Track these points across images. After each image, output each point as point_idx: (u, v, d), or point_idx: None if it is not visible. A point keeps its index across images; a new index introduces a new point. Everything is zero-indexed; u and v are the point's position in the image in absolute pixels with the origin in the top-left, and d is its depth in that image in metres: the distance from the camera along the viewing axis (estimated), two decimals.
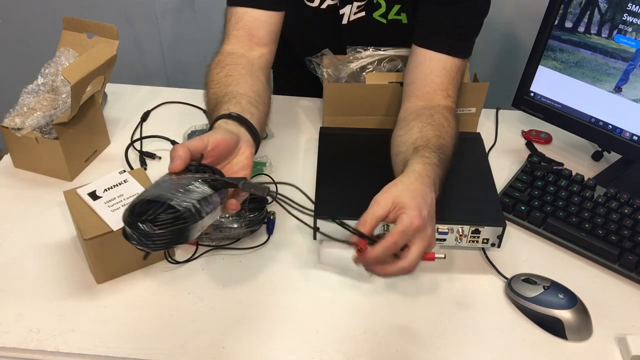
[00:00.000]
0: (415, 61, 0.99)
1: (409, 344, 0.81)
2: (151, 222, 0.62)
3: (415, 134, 0.90)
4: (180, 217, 0.63)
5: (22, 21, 1.94)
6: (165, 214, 0.62)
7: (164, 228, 0.62)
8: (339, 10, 1.09)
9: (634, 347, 0.79)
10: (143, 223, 0.62)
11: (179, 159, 0.68)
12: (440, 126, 0.91)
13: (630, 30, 0.94)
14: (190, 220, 0.63)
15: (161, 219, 0.62)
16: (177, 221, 0.62)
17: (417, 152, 0.85)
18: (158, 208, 0.62)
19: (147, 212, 0.62)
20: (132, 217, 0.62)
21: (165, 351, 0.78)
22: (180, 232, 0.63)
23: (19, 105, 1.02)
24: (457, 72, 0.98)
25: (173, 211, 0.62)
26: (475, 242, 0.89)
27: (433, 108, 0.95)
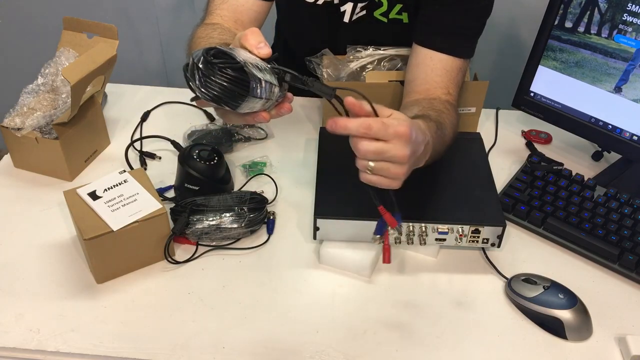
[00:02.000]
0: (416, 60, 0.99)
1: (409, 344, 0.81)
2: (219, 69, 0.65)
3: (414, 112, 0.90)
4: (243, 82, 0.65)
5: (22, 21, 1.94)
6: (234, 70, 0.65)
7: (225, 81, 0.65)
8: (338, 7, 1.09)
9: (634, 347, 0.79)
10: (212, 65, 0.64)
11: (266, 45, 0.69)
12: (439, 111, 0.91)
13: (630, 30, 0.94)
14: (249, 92, 0.66)
15: (227, 72, 0.65)
16: (239, 83, 0.65)
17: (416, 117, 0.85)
18: (231, 63, 0.65)
19: (220, 59, 0.65)
20: (205, 54, 0.65)
21: (165, 351, 0.78)
22: (234, 94, 0.66)
23: (19, 105, 1.02)
24: (459, 72, 0.98)
25: (241, 73, 0.65)
26: (475, 242, 0.89)
27: (434, 99, 0.95)
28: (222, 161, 0.98)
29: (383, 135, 0.70)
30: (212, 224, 0.90)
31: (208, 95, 0.66)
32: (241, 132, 1.13)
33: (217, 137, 1.09)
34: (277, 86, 0.70)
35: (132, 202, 0.85)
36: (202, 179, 0.95)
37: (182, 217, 0.90)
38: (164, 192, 1.00)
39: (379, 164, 0.72)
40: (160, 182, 1.02)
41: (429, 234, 0.88)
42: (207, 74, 0.65)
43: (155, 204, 0.86)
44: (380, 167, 0.73)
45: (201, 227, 0.90)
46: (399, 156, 0.72)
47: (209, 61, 0.65)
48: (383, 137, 0.71)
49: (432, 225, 0.87)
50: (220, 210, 0.91)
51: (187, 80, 0.67)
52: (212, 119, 1.18)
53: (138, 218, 0.83)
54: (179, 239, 0.91)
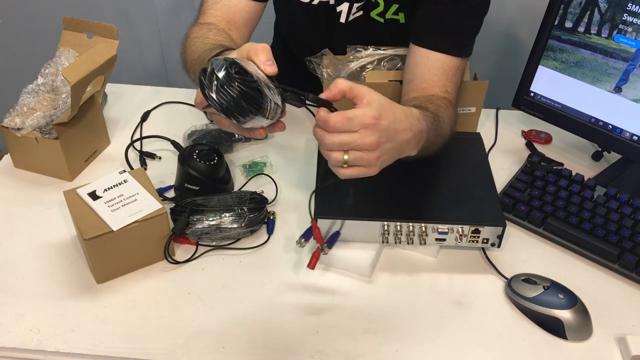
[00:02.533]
0: (414, 60, 0.99)
1: (409, 344, 0.81)
2: (238, 85, 0.66)
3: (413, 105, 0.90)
4: (257, 101, 0.68)
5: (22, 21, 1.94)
6: (251, 89, 0.67)
7: (240, 97, 0.67)
8: (335, 7, 1.09)
9: (634, 347, 0.79)
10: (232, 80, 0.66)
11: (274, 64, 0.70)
12: (437, 106, 0.91)
13: (630, 30, 0.94)
14: (260, 111, 0.68)
15: (244, 90, 0.67)
16: (252, 101, 0.67)
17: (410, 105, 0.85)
18: (249, 81, 0.67)
19: (241, 75, 0.67)
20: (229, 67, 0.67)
21: (165, 351, 0.78)
22: (245, 111, 0.68)
23: (19, 105, 1.02)
24: (456, 71, 0.98)
25: (257, 92, 0.67)
26: (475, 242, 0.89)
27: (432, 95, 0.95)
28: (222, 161, 0.98)
29: (348, 127, 0.71)
30: (212, 224, 0.90)
31: (219, 106, 0.68)
32: None
33: (217, 137, 1.09)
34: (280, 108, 0.71)
35: (132, 202, 0.85)
36: (202, 179, 0.95)
37: (182, 217, 0.90)
38: (164, 192, 1.00)
39: (352, 154, 0.73)
40: (160, 182, 1.02)
41: (429, 234, 0.88)
42: (225, 86, 0.67)
43: (155, 204, 0.86)
44: (353, 157, 0.73)
45: (201, 227, 0.90)
46: (366, 144, 0.72)
47: (231, 75, 0.67)
48: (349, 129, 0.71)
49: (432, 225, 0.87)
50: (220, 210, 0.91)
51: (202, 86, 0.68)
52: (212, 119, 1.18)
53: (138, 218, 0.83)
54: (179, 239, 0.91)
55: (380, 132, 0.72)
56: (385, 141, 0.74)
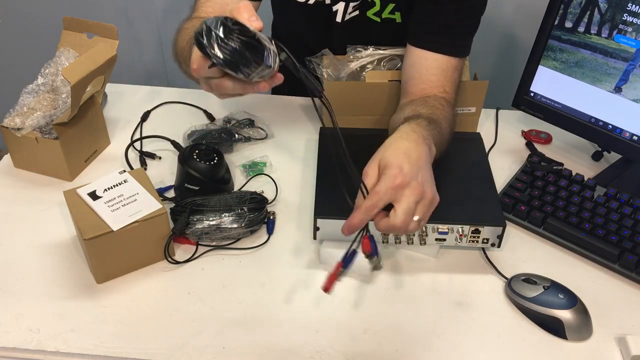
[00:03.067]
0: (411, 60, 0.99)
1: (409, 344, 0.81)
2: (238, 34, 0.65)
3: (407, 112, 0.91)
4: (258, 49, 0.66)
5: (22, 21, 1.94)
6: (250, 38, 0.66)
7: (243, 47, 0.66)
8: (331, 7, 1.09)
9: (634, 347, 0.79)
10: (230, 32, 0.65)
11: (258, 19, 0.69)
12: (433, 107, 0.91)
13: (630, 30, 0.94)
14: (263, 60, 0.67)
15: (244, 40, 0.65)
16: (255, 50, 0.66)
17: (405, 120, 0.86)
18: (248, 31, 0.66)
19: (238, 26, 0.66)
20: (223, 21, 0.65)
21: (165, 351, 0.78)
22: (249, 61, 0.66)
23: (19, 105, 1.02)
24: (454, 71, 0.98)
25: (256, 40, 0.66)
26: (475, 242, 0.89)
27: (428, 96, 0.95)
28: (222, 161, 0.98)
29: (390, 199, 0.73)
30: (212, 224, 0.90)
31: (224, 61, 0.66)
32: (241, 132, 1.13)
33: (217, 137, 1.09)
34: (278, 55, 0.70)
35: (132, 202, 0.85)
36: (202, 179, 0.95)
37: (182, 217, 0.90)
38: (164, 192, 1.00)
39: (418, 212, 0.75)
40: (160, 182, 1.02)
41: (429, 234, 0.88)
42: (226, 40, 0.65)
43: (155, 204, 0.86)
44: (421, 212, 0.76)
45: (201, 227, 0.90)
46: (419, 196, 0.74)
47: (229, 27, 0.65)
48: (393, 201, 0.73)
49: (432, 225, 0.87)
50: (220, 210, 0.91)
51: (202, 47, 0.66)
52: (212, 119, 1.18)
53: (138, 218, 0.83)
54: (179, 239, 0.91)
55: (414, 173, 0.74)
56: (419, 171, 0.75)
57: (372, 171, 0.76)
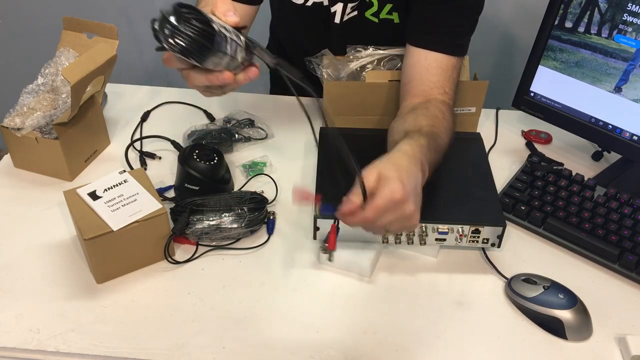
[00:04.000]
0: (411, 61, 0.99)
1: (409, 344, 0.81)
2: (185, 20, 0.65)
3: (408, 122, 0.91)
4: (209, 35, 0.67)
5: (22, 21, 1.94)
6: (201, 23, 0.66)
7: (192, 32, 0.66)
8: (328, 8, 1.09)
9: (634, 347, 0.79)
10: (180, 17, 0.65)
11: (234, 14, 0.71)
12: (434, 117, 0.91)
13: (630, 30, 0.94)
14: (214, 45, 0.67)
15: (195, 24, 0.65)
16: (205, 35, 0.66)
17: (406, 135, 0.86)
18: (200, 16, 0.66)
19: (190, 11, 0.66)
20: (175, 8, 0.66)
21: (165, 351, 0.78)
22: (201, 46, 0.67)
23: (19, 105, 1.02)
24: (454, 70, 0.98)
25: (208, 26, 0.66)
26: (475, 242, 0.89)
27: (429, 101, 0.95)
28: (222, 161, 0.98)
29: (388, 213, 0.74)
30: (212, 224, 0.90)
31: (176, 47, 0.67)
32: (241, 132, 1.13)
33: (217, 137, 1.09)
34: (242, 47, 0.71)
35: (132, 202, 0.85)
36: (202, 179, 0.95)
37: (182, 217, 0.90)
38: (164, 192, 1.00)
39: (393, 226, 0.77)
40: (160, 182, 1.02)
41: (429, 234, 0.88)
42: (176, 26, 0.66)
43: (155, 204, 0.86)
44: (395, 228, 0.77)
45: (201, 227, 0.90)
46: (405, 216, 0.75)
47: (179, 12, 0.66)
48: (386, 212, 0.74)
49: (432, 225, 0.87)
50: (220, 210, 0.91)
51: (156, 33, 0.66)
52: (212, 119, 1.18)
53: (138, 218, 0.83)
54: (179, 239, 0.91)
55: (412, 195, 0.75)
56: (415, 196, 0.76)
57: (372, 177, 0.75)
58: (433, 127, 0.89)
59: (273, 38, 1.36)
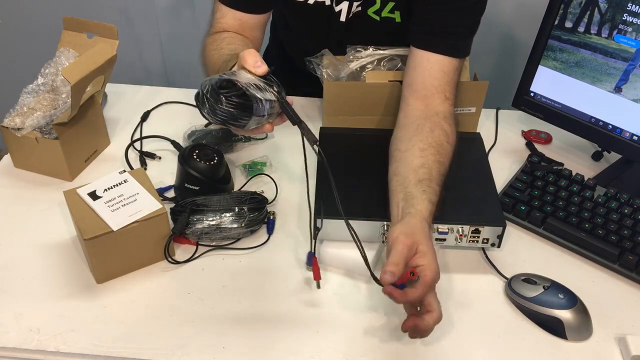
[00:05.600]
0: (413, 63, 0.99)
1: (409, 344, 0.81)
2: (225, 98, 0.74)
3: (417, 157, 0.89)
4: (246, 106, 0.75)
5: (22, 21, 1.94)
6: (237, 97, 0.74)
7: (230, 107, 0.74)
8: (332, 7, 1.09)
9: (634, 347, 0.79)
10: (218, 95, 0.74)
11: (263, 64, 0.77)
12: (439, 147, 0.91)
13: (630, 30, 0.94)
14: (252, 113, 0.75)
15: (232, 100, 0.74)
16: (242, 107, 0.75)
17: (420, 186, 0.85)
18: (235, 91, 0.74)
19: (225, 89, 0.75)
20: (213, 87, 0.75)
21: (165, 351, 0.78)
22: (239, 118, 0.75)
23: (19, 105, 1.02)
24: (455, 73, 0.99)
25: (244, 98, 0.74)
26: (475, 242, 0.89)
27: (431, 119, 0.95)
28: (222, 161, 0.98)
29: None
30: (212, 224, 0.90)
31: (217, 121, 0.76)
32: None
33: (217, 137, 1.09)
34: (276, 102, 0.77)
35: (132, 202, 0.85)
36: (202, 179, 0.95)
37: (182, 217, 0.90)
38: (164, 192, 1.00)
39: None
40: (160, 182, 1.02)
41: None
42: (214, 103, 0.75)
43: (155, 204, 0.86)
44: None
45: (201, 227, 0.90)
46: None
47: (216, 91, 0.74)
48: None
49: (432, 225, 0.87)
50: (220, 210, 0.91)
51: (199, 109, 0.76)
52: None
53: (138, 218, 0.83)
54: (179, 239, 0.91)
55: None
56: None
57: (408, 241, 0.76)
58: (440, 164, 0.89)
59: (274, 38, 1.36)
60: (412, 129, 0.95)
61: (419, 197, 0.83)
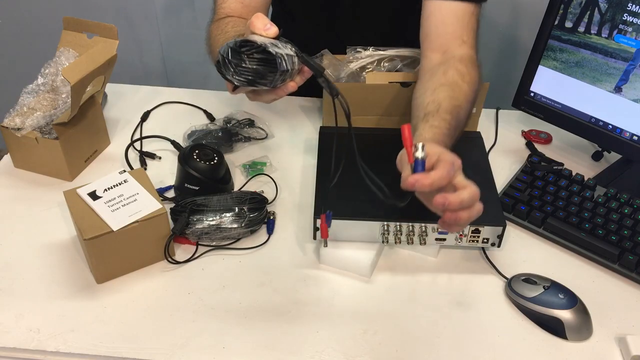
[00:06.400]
0: (426, 14, 0.99)
1: (409, 344, 0.81)
2: (247, 56, 0.72)
3: (427, 97, 0.90)
4: (270, 61, 0.73)
5: (22, 21, 1.94)
6: (259, 53, 0.72)
7: (255, 64, 0.73)
8: None
9: (634, 347, 0.79)
10: (240, 54, 0.72)
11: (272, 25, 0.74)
12: (453, 84, 0.90)
13: (630, 30, 0.94)
14: (277, 68, 0.73)
15: (255, 57, 0.72)
16: (267, 62, 0.73)
17: (426, 119, 0.85)
18: (255, 47, 0.72)
19: (245, 47, 0.73)
20: (233, 49, 0.72)
21: (165, 351, 0.78)
22: (265, 74, 0.73)
23: (19, 105, 1.02)
24: (471, 17, 0.98)
25: (266, 53, 0.72)
26: (475, 241, 0.89)
27: (447, 62, 0.95)
28: (222, 161, 0.98)
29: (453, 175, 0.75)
30: (212, 224, 0.90)
31: (245, 81, 0.73)
32: (241, 132, 1.13)
33: (217, 137, 1.09)
34: (295, 56, 0.76)
35: (132, 202, 0.85)
36: (202, 179, 0.95)
37: (182, 217, 0.90)
38: (164, 192, 1.00)
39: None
40: (160, 182, 1.02)
41: (429, 234, 0.88)
42: (238, 64, 0.73)
43: (155, 204, 0.86)
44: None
45: (201, 227, 0.90)
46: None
47: (237, 51, 0.73)
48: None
49: (432, 225, 0.87)
50: (220, 210, 0.91)
51: (223, 75, 0.74)
52: (212, 119, 1.18)
53: (138, 218, 0.83)
54: (179, 239, 0.91)
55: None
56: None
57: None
58: (453, 99, 0.88)
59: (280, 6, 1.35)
60: (426, 78, 0.95)
61: (422, 128, 0.83)
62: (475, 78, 0.94)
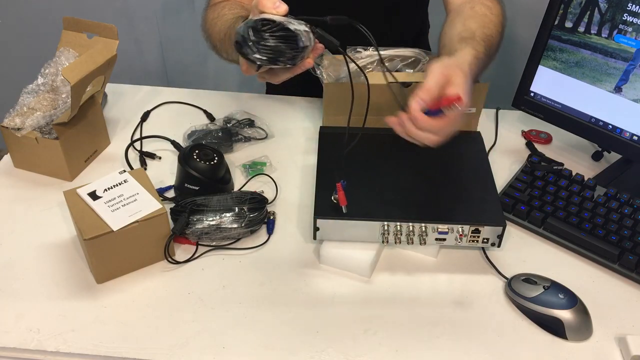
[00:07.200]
0: None
1: (409, 344, 0.81)
2: (270, 34, 0.73)
3: (458, 27, 0.90)
4: (292, 38, 0.73)
5: (22, 21, 1.94)
6: (281, 31, 0.73)
7: (278, 42, 0.73)
8: None
9: (634, 347, 0.79)
10: (261, 33, 0.73)
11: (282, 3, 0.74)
12: (483, 16, 0.92)
13: (630, 30, 0.94)
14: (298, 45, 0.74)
15: (277, 35, 0.73)
16: (289, 40, 0.73)
17: (463, 41, 0.86)
18: (276, 26, 0.73)
19: (267, 26, 0.73)
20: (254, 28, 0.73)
21: (165, 351, 0.78)
22: (286, 51, 0.74)
23: (19, 105, 1.02)
24: None
25: (287, 31, 0.73)
26: (475, 242, 0.89)
27: (471, 1, 0.96)
28: (222, 161, 0.98)
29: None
30: (212, 224, 0.90)
31: (266, 60, 0.74)
32: (241, 132, 1.13)
33: (217, 137, 1.09)
34: (310, 32, 0.76)
35: (132, 202, 0.85)
36: (202, 179, 0.95)
37: (182, 217, 0.90)
38: (164, 192, 1.00)
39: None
40: (160, 182, 1.02)
41: (429, 234, 0.88)
42: (259, 42, 0.73)
43: (155, 204, 0.86)
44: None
45: (201, 227, 0.90)
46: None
47: (258, 30, 0.73)
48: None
49: (432, 225, 0.87)
50: (220, 210, 0.91)
51: (244, 55, 0.74)
52: (212, 119, 1.18)
53: (138, 218, 0.83)
54: (179, 239, 0.91)
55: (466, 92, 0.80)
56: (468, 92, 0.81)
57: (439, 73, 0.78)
58: (484, 28, 0.89)
59: None
60: (453, 15, 0.96)
61: (461, 48, 0.84)
62: (501, 12, 0.95)
